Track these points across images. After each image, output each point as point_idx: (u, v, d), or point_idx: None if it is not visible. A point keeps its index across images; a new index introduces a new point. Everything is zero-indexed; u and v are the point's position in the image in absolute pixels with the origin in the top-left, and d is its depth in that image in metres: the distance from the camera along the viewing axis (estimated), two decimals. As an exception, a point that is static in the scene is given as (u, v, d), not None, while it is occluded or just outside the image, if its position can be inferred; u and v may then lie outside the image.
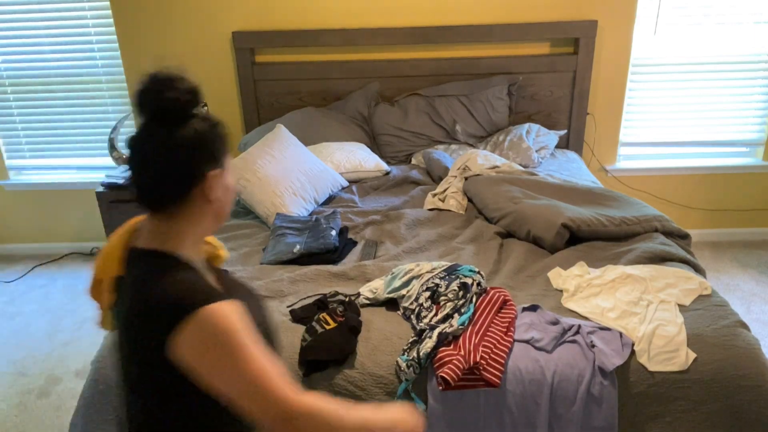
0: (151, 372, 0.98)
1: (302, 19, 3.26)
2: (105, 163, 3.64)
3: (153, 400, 1.02)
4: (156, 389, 1.00)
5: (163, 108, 0.99)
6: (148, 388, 1.01)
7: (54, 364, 2.73)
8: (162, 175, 1.01)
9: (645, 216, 2.24)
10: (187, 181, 1.01)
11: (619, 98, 3.40)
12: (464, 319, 1.67)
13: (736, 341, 1.64)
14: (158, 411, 1.02)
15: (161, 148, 0.99)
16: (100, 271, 1.11)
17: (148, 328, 0.95)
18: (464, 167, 2.78)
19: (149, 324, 0.95)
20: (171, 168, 1.00)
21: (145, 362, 0.98)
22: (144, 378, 1.00)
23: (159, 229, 1.04)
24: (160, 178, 1.01)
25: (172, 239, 1.04)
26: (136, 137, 1.02)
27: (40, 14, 3.35)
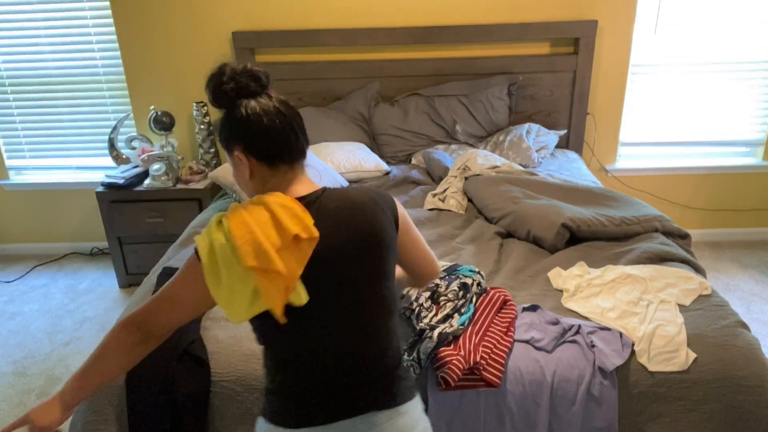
0: (391, 265, 1.22)
1: (302, 19, 3.26)
2: (105, 163, 3.64)
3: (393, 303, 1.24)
4: (394, 291, 1.24)
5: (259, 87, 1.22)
6: (391, 291, 1.23)
7: (54, 364, 2.73)
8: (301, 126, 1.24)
9: (645, 216, 2.24)
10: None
11: (619, 98, 3.40)
12: (464, 319, 1.67)
13: (736, 341, 1.63)
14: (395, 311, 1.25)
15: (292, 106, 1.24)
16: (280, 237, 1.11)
17: (387, 222, 1.21)
18: (464, 167, 2.78)
19: (387, 218, 1.21)
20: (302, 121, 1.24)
21: (389, 258, 1.21)
22: (389, 275, 1.22)
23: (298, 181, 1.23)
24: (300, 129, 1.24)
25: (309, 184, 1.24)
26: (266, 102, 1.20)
27: (40, 14, 3.35)
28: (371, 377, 1.18)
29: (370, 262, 1.17)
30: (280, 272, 1.08)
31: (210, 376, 1.65)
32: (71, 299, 3.28)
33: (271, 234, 1.10)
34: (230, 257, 1.09)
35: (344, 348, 1.17)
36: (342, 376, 1.17)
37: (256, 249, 1.08)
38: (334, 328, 1.16)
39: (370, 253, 1.17)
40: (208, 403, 1.63)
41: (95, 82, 3.48)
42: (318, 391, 1.16)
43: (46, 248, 3.86)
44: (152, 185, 3.17)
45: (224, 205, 2.80)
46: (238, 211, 1.13)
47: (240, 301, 1.11)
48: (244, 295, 1.10)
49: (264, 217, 1.12)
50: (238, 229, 1.10)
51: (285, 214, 1.11)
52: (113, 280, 3.45)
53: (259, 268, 1.07)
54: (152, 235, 3.23)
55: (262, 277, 1.08)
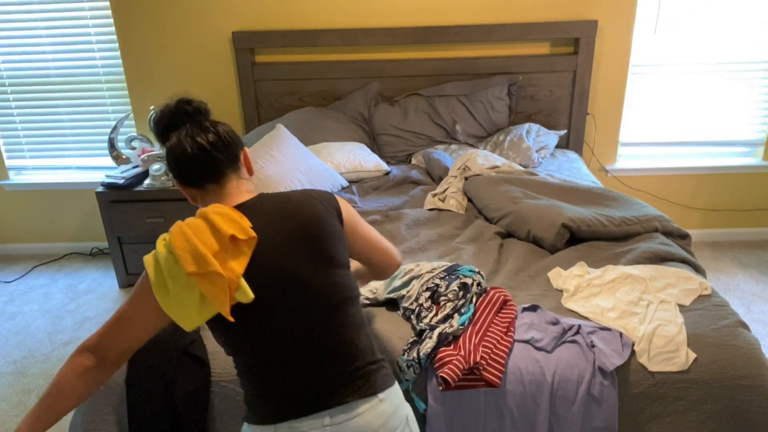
0: (338, 253, 1.26)
1: (302, 19, 3.26)
2: (105, 163, 3.64)
3: (346, 291, 1.27)
4: (347, 279, 1.28)
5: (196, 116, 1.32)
6: (342, 279, 1.27)
7: (54, 364, 2.73)
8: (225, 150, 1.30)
9: (645, 216, 2.24)
10: (237, 154, 1.34)
11: (619, 98, 3.40)
12: (464, 320, 1.67)
13: (736, 341, 1.63)
14: (353, 299, 1.29)
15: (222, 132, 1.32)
16: (216, 240, 1.17)
17: (326, 213, 1.27)
18: (464, 167, 2.78)
19: (326, 210, 1.27)
20: (231, 144, 1.31)
21: (333, 246, 1.26)
22: (335, 263, 1.26)
23: (233, 192, 1.29)
24: (224, 152, 1.30)
25: (246, 192, 1.31)
26: (188, 134, 1.27)
27: (40, 14, 3.35)
28: (346, 368, 1.23)
29: (313, 251, 1.22)
30: (219, 273, 1.13)
31: (210, 376, 1.65)
32: (71, 299, 3.28)
33: (207, 240, 1.16)
34: (173, 267, 1.16)
35: (307, 339, 1.21)
36: (314, 369, 1.21)
37: (194, 255, 1.14)
38: (290, 320, 1.20)
39: (312, 241, 1.22)
40: (208, 403, 1.63)
41: (95, 82, 3.48)
42: (294, 386, 1.20)
43: (46, 248, 3.86)
44: (152, 185, 3.17)
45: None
46: (178, 224, 1.20)
47: (189, 308, 1.17)
48: (192, 301, 1.16)
49: (201, 225, 1.18)
50: (176, 240, 1.16)
51: (221, 220, 1.18)
52: (113, 280, 3.46)
53: (199, 272, 1.14)
54: (152, 235, 3.23)
55: (204, 280, 1.14)
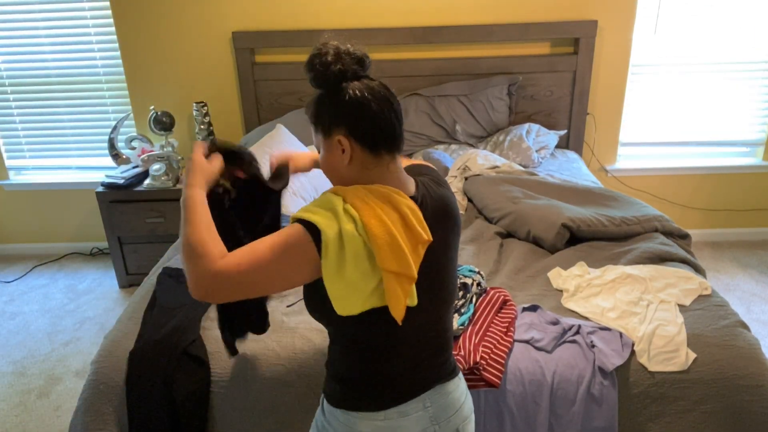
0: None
1: (302, 19, 3.26)
2: (105, 163, 3.64)
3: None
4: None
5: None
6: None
7: (54, 364, 2.73)
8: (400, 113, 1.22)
9: (645, 216, 2.24)
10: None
11: (619, 98, 3.40)
12: (464, 320, 1.67)
13: (736, 341, 1.63)
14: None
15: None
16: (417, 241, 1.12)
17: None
18: (464, 167, 2.78)
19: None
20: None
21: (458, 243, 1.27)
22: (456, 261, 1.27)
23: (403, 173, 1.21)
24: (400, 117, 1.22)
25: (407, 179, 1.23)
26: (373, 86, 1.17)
27: (40, 14, 3.35)
28: (447, 355, 1.25)
29: (454, 252, 1.23)
30: (413, 278, 1.08)
31: (210, 376, 1.65)
32: (71, 299, 3.28)
33: (403, 237, 1.08)
34: (361, 252, 1.07)
35: (432, 330, 1.21)
36: (430, 355, 1.21)
37: (397, 252, 1.06)
38: (426, 316, 1.18)
39: (454, 248, 1.23)
40: (208, 403, 1.63)
41: (95, 82, 3.48)
42: (411, 371, 1.19)
43: (46, 248, 3.86)
44: (152, 185, 3.17)
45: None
46: (367, 203, 1.09)
47: (356, 295, 1.08)
48: (363, 291, 1.08)
49: (394, 217, 1.09)
50: (376, 227, 1.06)
51: (414, 219, 1.10)
52: (113, 280, 3.45)
53: (398, 272, 1.07)
54: (152, 235, 3.23)
55: (395, 280, 1.07)
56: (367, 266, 1.07)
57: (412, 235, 1.10)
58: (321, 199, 1.13)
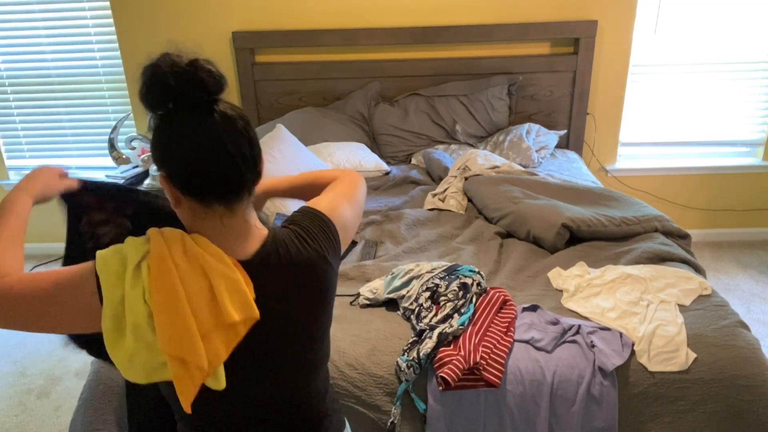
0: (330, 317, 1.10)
1: (302, 19, 3.26)
2: (105, 163, 3.64)
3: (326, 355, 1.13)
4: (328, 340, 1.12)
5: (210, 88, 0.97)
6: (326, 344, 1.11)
7: (54, 364, 2.73)
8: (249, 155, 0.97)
9: (645, 216, 2.24)
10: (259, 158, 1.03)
11: (619, 98, 3.40)
12: (464, 320, 1.67)
13: (736, 341, 1.63)
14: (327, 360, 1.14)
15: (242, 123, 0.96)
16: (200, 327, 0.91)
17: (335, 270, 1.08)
18: (464, 167, 2.78)
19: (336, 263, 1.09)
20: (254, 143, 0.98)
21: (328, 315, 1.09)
22: (326, 331, 1.10)
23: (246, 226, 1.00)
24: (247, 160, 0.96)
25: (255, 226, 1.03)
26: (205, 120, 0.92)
27: (40, 14, 3.35)
28: (296, 425, 1.08)
29: (308, 331, 1.02)
30: (202, 369, 0.89)
31: None
32: (71, 299, 3.28)
33: (202, 313, 0.89)
34: (143, 323, 0.88)
35: (261, 412, 1.04)
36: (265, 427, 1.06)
37: (181, 336, 0.87)
38: (254, 396, 1.02)
39: (309, 321, 1.02)
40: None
41: (95, 82, 3.48)
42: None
43: (46, 248, 3.86)
44: (152, 185, 3.17)
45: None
46: (166, 264, 0.89)
47: (139, 368, 0.90)
48: (148, 364, 0.90)
49: (199, 286, 0.90)
50: (161, 298, 0.87)
51: (226, 290, 0.91)
52: (113, 280, 3.45)
53: (177, 357, 0.88)
54: (152, 235, 3.23)
55: (178, 364, 0.89)
56: (151, 339, 0.89)
57: (218, 313, 0.90)
58: (128, 243, 0.94)
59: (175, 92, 0.90)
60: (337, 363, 1.63)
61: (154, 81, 0.90)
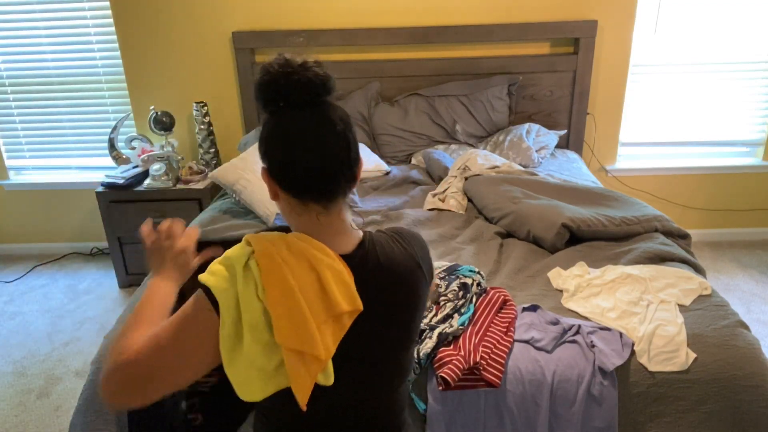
0: (418, 326, 1.08)
1: (302, 19, 3.26)
2: (105, 163, 3.64)
3: (409, 366, 1.11)
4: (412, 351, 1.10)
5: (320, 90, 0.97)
6: (411, 353, 1.10)
7: (54, 364, 2.73)
8: (346, 157, 0.97)
9: (645, 216, 2.24)
10: (356, 162, 1.01)
11: (619, 98, 3.40)
12: (464, 320, 1.67)
13: (736, 341, 1.63)
14: (409, 372, 1.12)
15: (341, 126, 0.96)
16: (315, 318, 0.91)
17: (424, 283, 1.07)
18: (464, 167, 2.78)
19: (427, 279, 1.08)
20: (352, 148, 0.99)
21: (417, 321, 1.07)
22: (414, 338, 1.07)
23: (341, 223, 1.01)
24: (344, 162, 0.97)
25: (347, 234, 1.03)
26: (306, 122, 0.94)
27: (40, 14, 3.35)
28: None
29: (398, 335, 1.03)
30: (320, 358, 0.89)
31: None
32: (71, 299, 3.28)
33: (315, 305, 0.90)
34: (259, 321, 0.89)
35: (346, 416, 1.04)
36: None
37: (298, 326, 0.88)
38: (346, 398, 1.02)
39: (402, 325, 1.03)
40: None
41: (95, 82, 3.48)
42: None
43: (46, 248, 3.86)
44: (152, 185, 3.17)
45: (224, 205, 2.77)
46: (274, 259, 0.90)
47: (257, 374, 0.90)
48: (264, 369, 0.90)
49: (309, 279, 0.91)
50: (275, 292, 0.88)
51: (334, 281, 0.92)
52: (113, 280, 3.45)
53: (297, 349, 0.88)
54: (152, 235, 3.22)
55: (295, 358, 0.88)
56: (268, 338, 0.89)
57: (329, 303, 0.91)
58: (230, 250, 0.94)
59: (284, 91, 0.93)
60: (337, 363, 1.63)
61: (266, 80, 0.94)
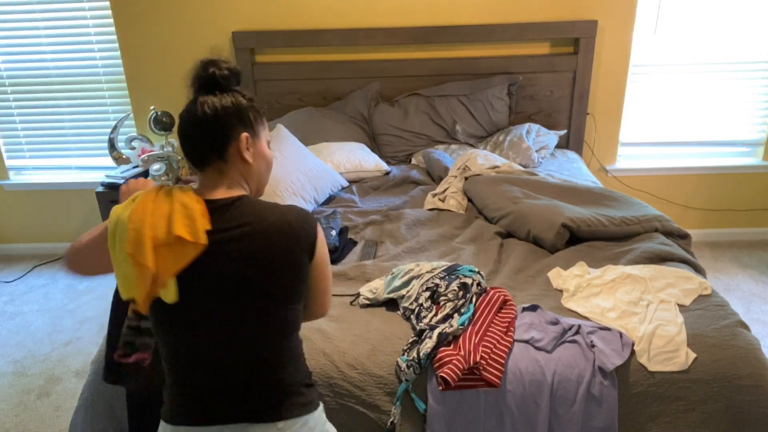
0: (294, 291, 1.19)
1: (302, 19, 3.26)
2: (105, 163, 3.64)
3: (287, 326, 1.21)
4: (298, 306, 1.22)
5: (210, 80, 1.22)
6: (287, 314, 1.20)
7: (54, 364, 2.73)
8: (208, 132, 1.20)
9: (645, 216, 2.24)
10: (223, 138, 1.21)
11: (619, 98, 3.40)
12: (464, 319, 1.67)
13: (736, 341, 1.63)
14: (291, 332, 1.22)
15: (209, 110, 1.20)
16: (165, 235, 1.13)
17: (297, 250, 1.18)
18: (464, 167, 2.78)
19: (299, 246, 1.18)
20: (215, 126, 1.20)
21: (291, 284, 1.18)
22: (287, 299, 1.19)
23: (218, 185, 1.22)
24: (206, 135, 1.20)
25: (234, 191, 1.22)
26: (189, 105, 1.22)
27: (40, 14, 3.35)
28: (249, 389, 1.18)
29: (257, 284, 1.15)
30: (147, 267, 1.11)
31: None
32: (71, 299, 3.28)
33: (159, 228, 1.13)
34: (121, 235, 1.15)
35: (219, 355, 1.17)
36: (216, 382, 1.17)
37: (137, 239, 1.12)
38: (209, 335, 1.16)
39: (260, 275, 1.15)
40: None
41: (95, 82, 3.48)
42: (192, 393, 1.18)
43: (46, 248, 3.86)
44: (152, 185, 3.16)
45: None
46: (150, 195, 1.18)
47: (122, 280, 1.15)
48: (127, 276, 1.15)
49: (163, 210, 1.15)
50: (135, 214, 1.15)
51: (180, 213, 1.14)
52: (113, 280, 3.46)
53: (133, 256, 1.12)
54: (152, 235, 3.22)
55: (134, 265, 1.13)
56: (124, 249, 1.15)
57: (169, 229, 1.13)
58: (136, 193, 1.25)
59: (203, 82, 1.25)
60: (337, 363, 1.63)
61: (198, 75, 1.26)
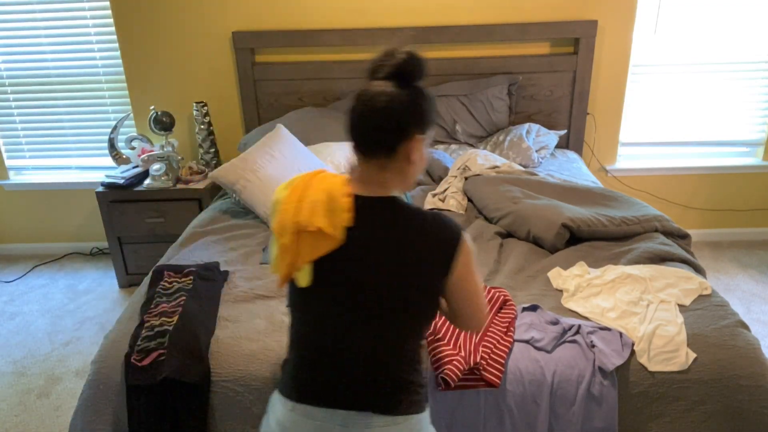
0: (420, 303, 1.18)
1: (302, 19, 3.26)
2: (105, 163, 3.64)
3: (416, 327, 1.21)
4: (426, 315, 1.21)
5: (399, 71, 1.16)
6: (420, 316, 1.20)
7: (54, 364, 2.73)
8: (385, 123, 1.14)
9: (645, 216, 2.24)
10: (400, 135, 1.16)
11: (619, 98, 3.40)
12: (464, 319, 1.67)
13: (736, 341, 1.64)
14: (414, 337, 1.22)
15: (391, 101, 1.14)
16: (307, 223, 1.16)
17: (431, 262, 1.16)
18: (464, 167, 2.78)
19: (433, 258, 1.16)
20: (392, 122, 1.14)
21: (416, 297, 1.17)
22: (412, 309, 1.18)
23: (374, 179, 1.20)
24: (383, 127, 1.14)
25: (387, 188, 1.21)
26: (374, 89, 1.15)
27: (40, 14, 3.35)
28: (374, 381, 1.20)
29: (386, 289, 1.16)
30: (287, 248, 1.16)
31: (210, 375, 1.65)
32: (71, 299, 3.28)
33: (303, 215, 1.16)
34: (274, 215, 1.21)
35: (343, 346, 1.20)
36: (339, 370, 1.20)
37: (283, 221, 1.18)
38: (333, 325, 1.20)
39: (389, 282, 1.16)
40: (208, 402, 1.63)
41: (95, 82, 3.48)
42: (315, 374, 1.21)
43: (46, 248, 3.86)
44: (152, 185, 3.17)
45: (224, 205, 2.79)
46: (304, 180, 1.21)
47: (273, 255, 1.21)
48: (274, 252, 1.20)
49: (313, 197, 1.17)
50: (289, 195, 1.19)
51: (325, 205, 1.16)
52: (113, 280, 3.46)
53: (278, 236, 1.18)
54: (152, 235, 3.23)
55: (278, 243, 1.19)
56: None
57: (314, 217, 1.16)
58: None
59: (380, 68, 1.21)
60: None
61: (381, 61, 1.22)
